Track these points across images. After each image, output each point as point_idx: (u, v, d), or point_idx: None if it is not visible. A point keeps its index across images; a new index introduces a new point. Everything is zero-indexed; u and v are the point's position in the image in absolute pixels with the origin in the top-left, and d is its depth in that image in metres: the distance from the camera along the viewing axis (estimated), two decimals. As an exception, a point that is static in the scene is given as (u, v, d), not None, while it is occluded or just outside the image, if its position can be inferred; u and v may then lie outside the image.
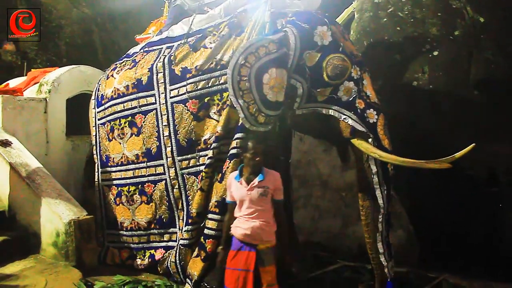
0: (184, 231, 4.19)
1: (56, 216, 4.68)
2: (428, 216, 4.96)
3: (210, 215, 3.98)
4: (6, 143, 5.37)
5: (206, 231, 3.97)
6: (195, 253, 4.07)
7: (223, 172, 3.87)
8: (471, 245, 4.81)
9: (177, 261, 4.20)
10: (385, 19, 5.02)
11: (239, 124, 3.83)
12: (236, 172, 3.44)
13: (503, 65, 4.56)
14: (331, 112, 3.71)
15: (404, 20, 4.91)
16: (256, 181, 3.30)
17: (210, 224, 3.95)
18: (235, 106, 3.65)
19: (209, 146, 4.09)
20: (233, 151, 3.83)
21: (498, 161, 4.76)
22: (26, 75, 7.37)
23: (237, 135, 3.83)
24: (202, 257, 3.98)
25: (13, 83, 6.93)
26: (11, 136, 5.63)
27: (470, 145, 3.16)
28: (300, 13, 3.98)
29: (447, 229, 4.92)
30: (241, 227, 3.30)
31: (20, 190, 5.03)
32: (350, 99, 3.69)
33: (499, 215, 4.97)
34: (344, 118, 3.67)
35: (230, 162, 3.82)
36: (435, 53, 4.76)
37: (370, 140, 3.61)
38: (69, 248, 4.59)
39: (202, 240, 4.01)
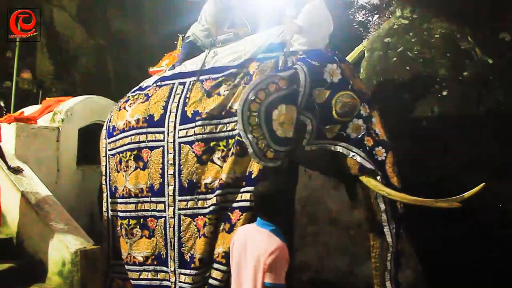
0: (186, 275, 4.15)
1: (63, 245, 4.69)
2: (437, 256, 4.89)
3: (216, 265, 3.95)
4: (17, 170, 5.44)
5: (211, 280, 3.95)
6: None
7: (233, 223, 3.84)
8: (481, 286, 4.71)
9: None
10: (395, 59, 5.08)
11: (251, 176, 3.83)
12: (272, 234, 2.48)
13: (512, 105, 4.58)
14: (339, 149, 3.74)
15: (413, 60, 4.98)
16: None
17: (215, 274, 3.93)
18: (244, 140, 3.66)
19: (209, 191, 4.09)
20: (245, 203, 3.81)
21: (509, 202, 4.71)
22: (41, 103, 7.52)
23: (249, 188, 3.81)
24: None
25: (28, 111, 7.06)
26: (23, 163, 5.71)
27: (480, 185, 3.16)
28: (311, 51, 4.04)
29: (456, 270, 4.84)
30: None
31: (29, 217, 5.07)
32: (359, 136, 3.72)
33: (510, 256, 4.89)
34: (352, 155, 3.69)
35: (242, 215, 3.80)
36: (444, 93, 4.79)
37: (378, 177, 3.61)
38: (74, 277, 4.58)
39: None
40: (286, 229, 3.57)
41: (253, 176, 3.82)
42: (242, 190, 3.90)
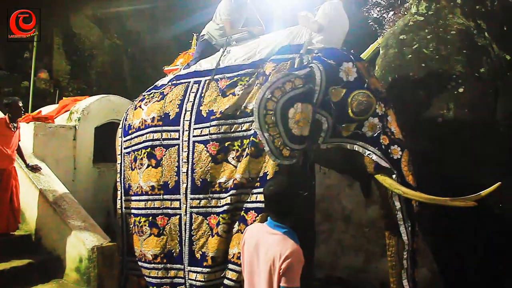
0: (198, 272, 4.18)
1: (80, 242, 4.76)
2: (453, 254, 4.86)
3: (231, 266, 3.98)
4: (35, 168, 5.53)
5: (226, 281, 3.98)
6: None
7: (248, 224, 3.83)
8: (498, 285, 4.67)
9: None
10: (410, 56, 5.05)
11: (266, 177, 3.83)
12: (285, 237, 2.41)
13: (530, 103, 4.52)
14: (355, 147, 3.74)
15: (429, 57, 4.94)
16: None
17: (230, 274, 3.95)
18: (260, 139, 3.67)
19: (223, 190, 4.12)
20: (261, 204, 3.81)
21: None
22: (58, 102, 7.61)
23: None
24: None
25: (45, 110, 7.17)
26: (41, 162, 5.80)
27: (496, 184, 3.15)
28: (326, 50, 4.05)
29: (473, 268, 4.80)
30: None
31: (46, 215, 5.15)
32: (375, 135, 3.72)
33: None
34: (368, 154, 3.69)
35: (257, 216, 3.82)
36: (461, 90, 4.74)
37: (394, 176, 3.61)
38: (91, 274, 4.64)
39: None
40: (305, 229, 3.61)
41: (268, 177, 3.83)
42: (256, 191, 3.91)
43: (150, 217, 4.58)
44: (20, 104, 5.30)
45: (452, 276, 4.80)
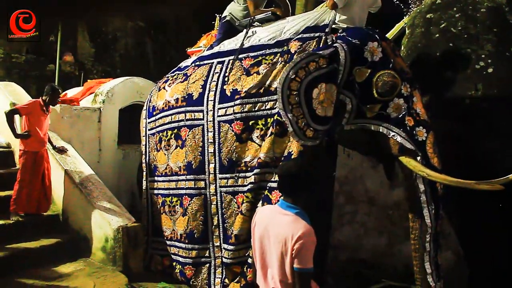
0: (225, 249, 4.24)
1: (105, 222, 4.85)
2: (479, 238, 4.79)
3: None
4: (62, 150, 5.62)
5: (250, 260, 4.00)
6: (237, 278, 4.13)
7: (272, 203, 3.80)
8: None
9: (222, 278, 4.26)
10: (437, 35, 4.91)
11: (291, 156, 3.80)
12: (297, 217, 2.38)
13: None
14: (380, 128, 3.68)
15: (457, 36, 4.79)
16: None
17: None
18: (283, 119, 3.63)
19: (249, 169, 4.13)
20: None
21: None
22: (82, 85, 7.70)
23: None
24: (241, 284, 4.05)
25: (71, 93, 7.27)
26: (67, 144, 5.90)
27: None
28: (351, 29, 3.98)
29: (499, 252, 4.73)
30: None
31: (73, 195, 5.26)
32: (400, 116, 3.65)
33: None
34: (392, 135, 3.63)
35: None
36: (490, 70, 4.60)
37: (418, 158, 3.55)
38: (116, 253, 4.74)
39: (244, 269, 4.07)
40: (323, 209, 3.58)
41: (292, 157, 3.81)
42: None
43: (180, 197, 4.66)
44: (60, 95, 5.41)
45: (477, 260, 4.74)
